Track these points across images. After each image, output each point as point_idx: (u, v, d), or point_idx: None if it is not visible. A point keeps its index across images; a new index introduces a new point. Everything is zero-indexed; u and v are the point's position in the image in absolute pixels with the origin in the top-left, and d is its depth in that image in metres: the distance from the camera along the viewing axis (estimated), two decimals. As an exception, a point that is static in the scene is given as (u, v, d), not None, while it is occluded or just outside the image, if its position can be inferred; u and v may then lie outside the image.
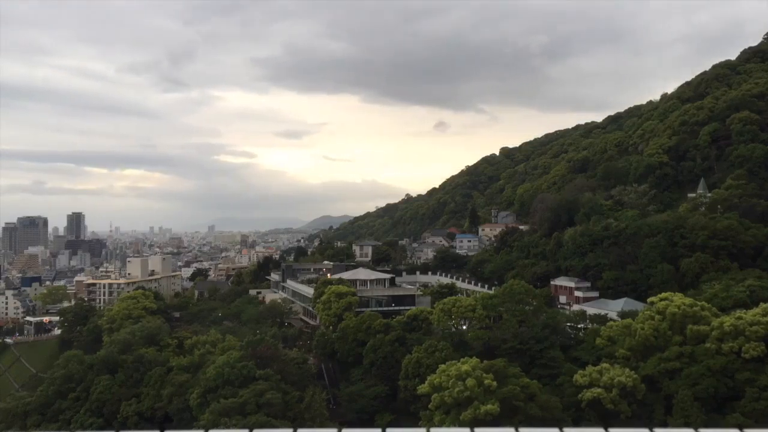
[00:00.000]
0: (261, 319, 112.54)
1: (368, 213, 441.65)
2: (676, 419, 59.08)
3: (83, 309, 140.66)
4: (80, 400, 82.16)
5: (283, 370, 75.12)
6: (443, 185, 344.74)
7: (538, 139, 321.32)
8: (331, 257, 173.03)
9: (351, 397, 78.02)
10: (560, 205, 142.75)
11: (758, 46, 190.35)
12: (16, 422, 79.93)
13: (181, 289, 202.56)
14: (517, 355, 75.66)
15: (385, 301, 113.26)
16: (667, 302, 74.15)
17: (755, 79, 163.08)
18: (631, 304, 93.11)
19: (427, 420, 62.94)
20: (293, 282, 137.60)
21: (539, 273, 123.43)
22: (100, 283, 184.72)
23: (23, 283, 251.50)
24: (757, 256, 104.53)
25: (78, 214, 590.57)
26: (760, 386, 60.78)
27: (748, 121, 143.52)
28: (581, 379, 66.36)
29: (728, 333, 66.47)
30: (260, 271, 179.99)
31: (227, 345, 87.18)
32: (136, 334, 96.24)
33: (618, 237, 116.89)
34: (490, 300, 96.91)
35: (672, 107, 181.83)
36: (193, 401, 72.45)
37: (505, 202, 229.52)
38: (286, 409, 68.13)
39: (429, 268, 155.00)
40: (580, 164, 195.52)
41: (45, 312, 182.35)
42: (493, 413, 59.48)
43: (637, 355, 71.90)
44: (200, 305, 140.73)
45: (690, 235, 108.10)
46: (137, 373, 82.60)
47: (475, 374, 62.78)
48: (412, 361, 75.06)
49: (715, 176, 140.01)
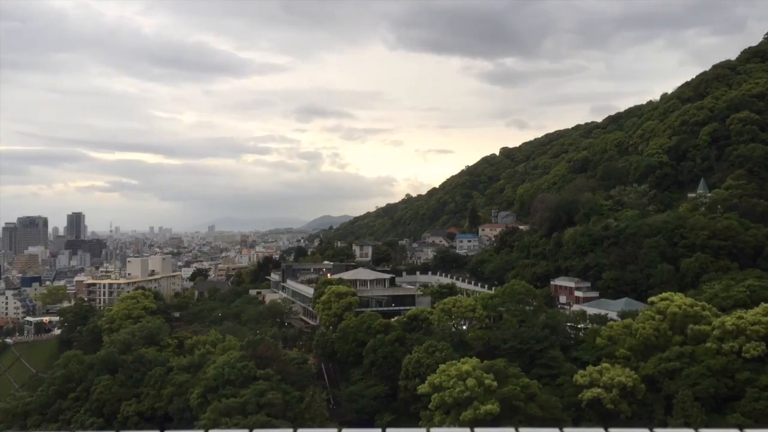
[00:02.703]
0: (261, 319, 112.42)
1: (368, 213, 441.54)
2: (676, 419, 59.04)
3: (83, 309, 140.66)
4: (80, 400, 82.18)
5: (283, 370, 75.08)
6: (443, 185, 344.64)
7: (538, 139, 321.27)
8: (331, 257, 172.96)
9: (351, 397, 77.96)
10: (560, 205, 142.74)
11: (758, 46, 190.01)
12: (16, 422, 79.92)
13: (181, 289, 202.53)
14: (517, 355, 75.61)
15: (385, 301, 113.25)
16: (667, 302, 74.23)
17: (755, 79, 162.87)
18: (631, 304, 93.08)
19: (427, 420, 62.92)
20: (293, 282, 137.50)
21: (539, 273, 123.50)
22: (100, 283, 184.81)
23: (23, 283, 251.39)
24: (757, 256, 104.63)
25: (78, 214, 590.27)
26: (760, 386, 60.82)
27: (748, 121, 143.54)
28: (581, 379, 66.35)
29: (728, 333, 66.54)
30: (260, 271, 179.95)
31: (227, 345, 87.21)
32: (136, 334, 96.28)
33: (618, 237, 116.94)
34: (490, 300, 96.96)
35: (672, 107, 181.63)
36: (194, 401, 72.44)
37: (505, 202, 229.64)
38: (287, 409, 68.07)
39: (429, 268, 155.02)
40: (580, 164, 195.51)
41: (45, 312, 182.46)
42: (493, 413, 59.49)
43: (638, 355, 71.94)
44: (200, 305, 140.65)
45: (690, 235, 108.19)
46: (137, 373, 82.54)
47: (475, 374, 62.80)
48: (412, 361, 75.00)
49: (715, 176, 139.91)
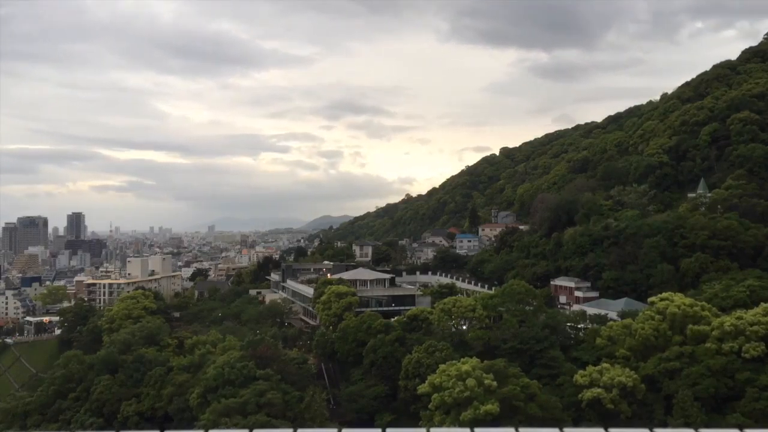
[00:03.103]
0: (261, 319, 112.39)
1: (368, 213, 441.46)
2: (676, 419, 59.04)
3: (83, 309, 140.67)
4: (80, 400, 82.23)
5: (283, 370, 75.07)
6: (443, 185, 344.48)
7: (538, 139, 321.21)
8: (331, 257, 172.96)
9: (351, 397, 77.90)
10: (560, 205, 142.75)
11: (758, 46, 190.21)
12: (16, 422, 79.97)
13: (181, 289, 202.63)
14: (517, 355, 75.59)
15: (385, 301, 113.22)
16: (667, 302, 74.22)
17: (755, 79, 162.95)
18: (631, 304, 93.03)
19: (427, 420, 62.92)
20: (293, 282, 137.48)
21: (539, 273, 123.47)
22: (100, 283, 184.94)
23: (23, 283, 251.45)
24: (757, 256, 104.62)
25: (78, 214, 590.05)
26: (760, 386, 60.81)
27: (748, 121, 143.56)
28: (581, 379, 66.32)
29: (728, 333, 66.54)
30: (260, 271, 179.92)
31: (227, 345, 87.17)
32: (136, 334, 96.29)
33: (618, 237, 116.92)
34: (490, 300, 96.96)
35: (672, 107, 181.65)
36: (194, 401, 72.45)
37: (505, 202, 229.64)
38: (287, 409, 68.06)
39: (429, 268, 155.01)
40: (580, 164, 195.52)
41: (45, 312, 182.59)
42: (493, 413, 59.48)
43: (637, 355, 71.93)
44: (200, 305, 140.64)
45: (690, 235, 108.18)
46: (137, 373, 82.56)
47: (475, 374, 62.78)
48: (412, 361, 74.98)
49: (715, 176, 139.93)
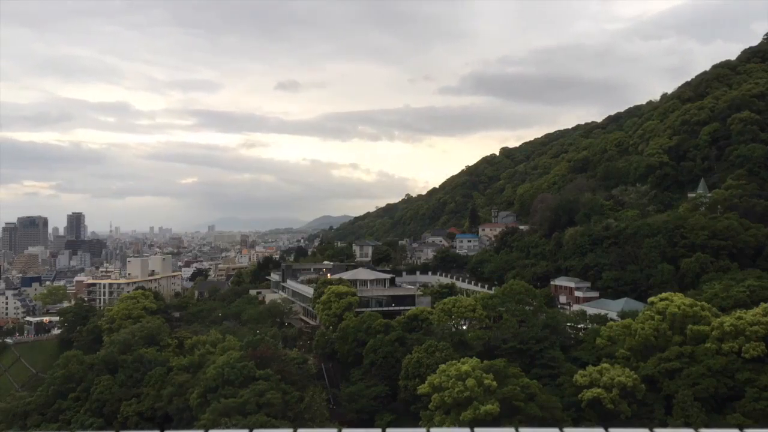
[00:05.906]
0: (261, 319, 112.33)
1: (368, 213, 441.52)
2: (676, 419, 59.10)
3: (83, 309, 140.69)
4: (80, 400, 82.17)
5: (283, 370, 75.03)
6: (443, 185, 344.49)
7: (538, 139, 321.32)
8: (331, 257, 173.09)
9: (351, 397, 77.89)
10: (560, 205, 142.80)
11: (758, 46, 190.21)
12: (16, 422, 79.97)
13: (181, 289, 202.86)
14: (517, 355, 75.58)
15: (385, 301, 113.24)
16: (667, 302, 74.21)
17: (755, 79, 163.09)
18: (631, 304, 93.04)
19: (427, 420, 62.91)
20: (293, 282, 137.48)
21: (539, 273, 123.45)
22: (100, 283, 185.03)
23: (23, 283, 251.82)
24: (757, 256, 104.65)
25: (78, 214, 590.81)
26: (760, 386, 60.86)
27: (748, 121, 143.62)
28: (581, 379, 66.32)
29: (728, 333, 66.54)
30: (260, 271, 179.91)
31: (227, 345, 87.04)
32: (136, 334, 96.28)
33: (618, 237, 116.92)
34: (490, 300, 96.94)
35: (672, 107, 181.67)
36: (193, 401, 72.39)
37: (505, 202, 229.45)
38: (286, 409, 68.08)
39: (429, 268, 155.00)
40: (580, 164, 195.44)
41: (45, 312, 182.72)
42: (493, 413, 59.48)
43: (637, 355, 71.92)
44: (200, 305, 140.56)
45: (690, 235, 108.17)
46: (137, 373, 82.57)
47: (475, 374, 62.75)
48: (412, 361, 74.97)
49: (715, 176, 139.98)
